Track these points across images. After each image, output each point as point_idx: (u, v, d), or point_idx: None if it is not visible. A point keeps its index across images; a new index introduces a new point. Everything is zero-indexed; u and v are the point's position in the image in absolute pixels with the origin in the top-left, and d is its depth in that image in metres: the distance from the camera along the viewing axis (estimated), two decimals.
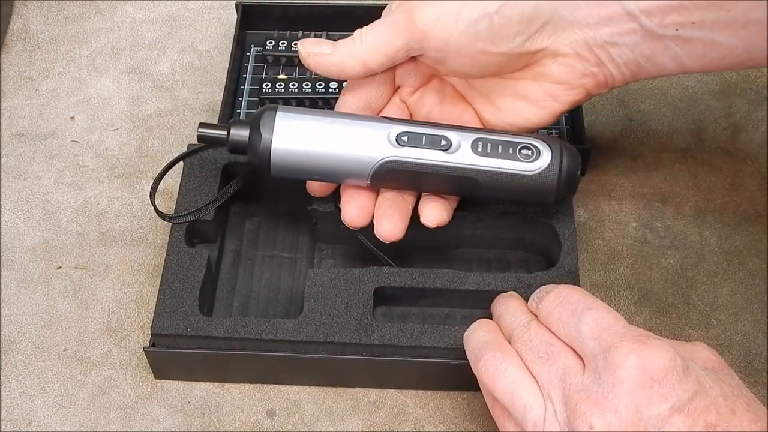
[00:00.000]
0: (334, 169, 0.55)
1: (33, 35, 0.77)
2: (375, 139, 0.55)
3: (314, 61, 0.56)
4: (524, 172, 0.54)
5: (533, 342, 0.49)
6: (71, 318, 0.61)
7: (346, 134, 0.55)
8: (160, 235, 0.65)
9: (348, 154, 0.55)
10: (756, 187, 0.66)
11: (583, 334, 0.47)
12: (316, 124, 0.55)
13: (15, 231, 0.65)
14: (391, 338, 0.55)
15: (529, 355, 0.48)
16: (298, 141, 0.55)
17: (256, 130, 0.55)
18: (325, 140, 0.55)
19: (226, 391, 0.58)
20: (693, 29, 0.52)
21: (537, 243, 0.61)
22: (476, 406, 0.57)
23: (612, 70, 0.55)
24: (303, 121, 0.55)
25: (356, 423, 0.57)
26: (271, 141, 0.55)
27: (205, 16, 0.78)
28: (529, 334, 0.49)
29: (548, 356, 0.47)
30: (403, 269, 0.58)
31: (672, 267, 0.63)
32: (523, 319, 0.51)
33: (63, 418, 0.57)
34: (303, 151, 0.55)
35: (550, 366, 0.47)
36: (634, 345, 0.44)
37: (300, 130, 0.55)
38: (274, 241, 0.64)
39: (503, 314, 0.53)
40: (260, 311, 0.60)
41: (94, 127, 0.71)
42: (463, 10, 0.53)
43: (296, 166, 0.55)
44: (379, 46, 0.54)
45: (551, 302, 0.50)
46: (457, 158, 0.55)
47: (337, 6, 0.74)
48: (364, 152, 0.55)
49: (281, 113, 0.55)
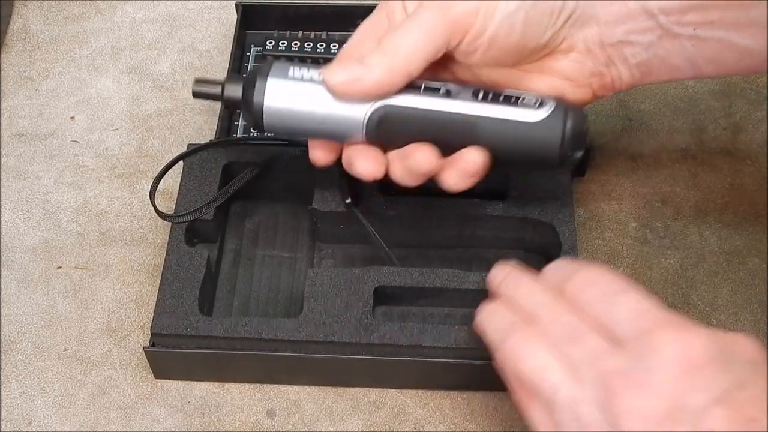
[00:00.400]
0: (329, 122, 0.53)
1: (33, 35, 0.77)
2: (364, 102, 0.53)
3: (350, 90, 0.52)
4: (527, 120, 0.52)
5: (559, 322, 0.47)
6: (71, 318, 0.61)
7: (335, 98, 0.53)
8: (160, 234, 0.65)
9: (341, 103, 0.53)
10: (756, 187, 0.66)
11: (618, 316, 0.45)
12: (310, 78, 0.53)
13: (15, 231, 0.65)
14: (391, 338, 0.55)
15: (555, 335, 0.46)
16: (291, 99, 0.53)
17: (250, 87, 0.54)
18: (318, 94, 0.53)
19: (226, 391, 0.58)
20: (711, 29, 0.51)
21: (537, 243, 0.61)
22: (476, 406, 0.57)
23: (621, 71, 0.54)
24: (296, 77, 0.53)
25: (356, 423, 0.57)
26: (263, 100, 0.53)
27: (205, 16, 0.78)
28: (554, 313, 0.47)
29: (577, 337, 0.45)
30: (403, 269, 0.58)
31: (672, 267, 0.63)
32: (544, 299, 0.48)
33: (63, 418, 0.57)
34: (295, 109, 0.53)
35: (581, 347, 0.45)
36: (677, 331, 0.43)
37: (293, 86, 0.53)
38: (274, 241, 0.64)
39: (517, 292, 0.50)
40: (260, 311, 0.60)
41: (94, 127, 0.71)
42: (500, 3, 0.51)
43: (289, 125, 0.54)
44: (418, 52, 0.51)
45: (579, 282, 0.47)
46: (457, 104, 0.52)
47: (337, 6, 0.74)
48: (355, 114, 0.53)
49: (275, 69, 0.54)
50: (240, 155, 0.63)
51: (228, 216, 0.65)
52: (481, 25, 0.51)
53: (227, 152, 0.63)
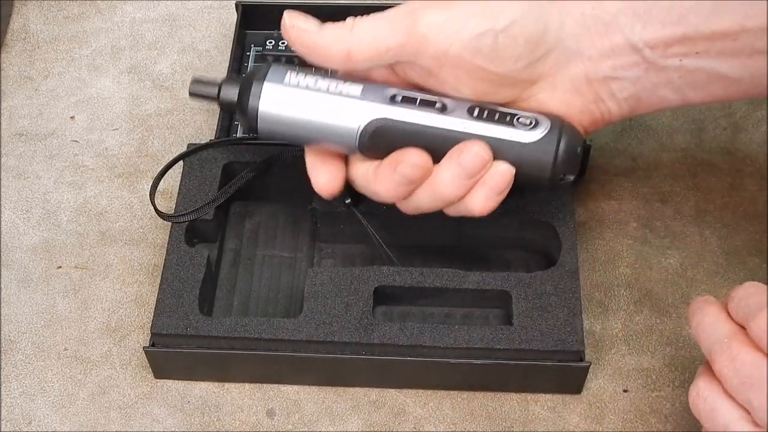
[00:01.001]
0: (323, 131, 0.54)
1: (33, 35, 0.77)
2: (366, 98, 0.53)
3: (295, 35, 0.52)
4: (520, 141, 0.52)
5: (737, 362, 0.44)
6: (71, 318, 0.61)
7: (335, 95, 0.53)
8: (160, 234, 0.65)
9: (336, 113, 0.53)
10: (756, 187, 0.66)
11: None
12: (306, 85, 0.54)
13: (15, 231, 0.65)
14: (391, 338, 0.55)
15: (733, 378, 0.44)
16: (286, 105, 0.53)
17: (246, 90, 0.54)
18: (314, 102, 0.53)
19: (226, 390, 0.58)
20: (697, 59, 0.51)
21: (537, 242, 0.61)
22: (476, 406, 0.57)
23: (610, 106, 0.54)
24: (293, 83, 0.54)
25: (356, 423, 0.57)
26: (258, 104, 0.54)
27: (205, 16, 0.78)
28: (731, 352, 0.44)
29: (754, 380, 0.43)
30: (403, 269, 0.58)
31: (672, 267, 0.63)
32: (723, 333, 0.45)
33: (63, 418, 0.57)
34: (290, 116, 0.54)
35: (757, 392, 0.42)
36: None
37: (289, 92, 0.54)
38: (274, 241, 0.64)
39: (700, 325, 0.47)
40: (260, 311, 0.60)
41: (94, 126, 0.71)
42: (470, 22, 0.50)
43: (284, 130, 0.54)
44: (370, 39, 0.51)
45: (763, 321, 0.44)
46: (452, 121, 0.52)
47: (337, 6, 0.74)
48: (353, 111, 0.53)
49: (272, 73, 0.54)
50: (240, 155, 0.63)
51: (228, 216, 0.65)
52: (444, 39, 0.50)
53: (227, 152, 0.63)
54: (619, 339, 0.60)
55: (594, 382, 0.58)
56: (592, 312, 0.61)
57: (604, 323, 0.60)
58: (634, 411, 0.57)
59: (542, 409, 0.57)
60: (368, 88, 0.54)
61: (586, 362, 0.55)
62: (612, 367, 0.59)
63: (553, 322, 0.55)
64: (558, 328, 0.55)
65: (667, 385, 0.58)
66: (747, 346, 0.44)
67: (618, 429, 0.56)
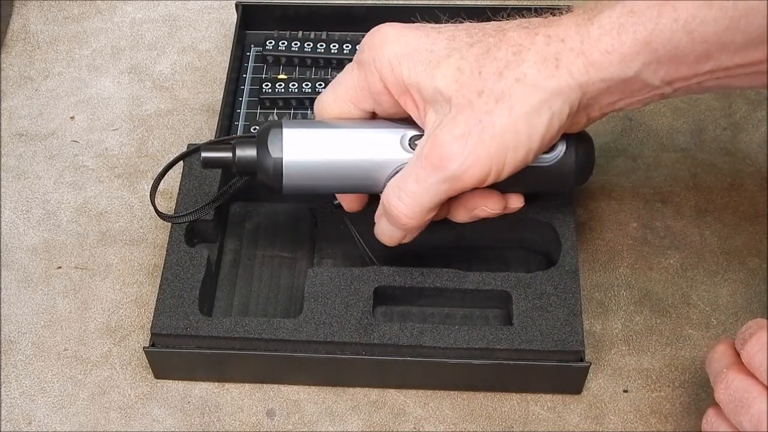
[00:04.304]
0: (348, 180, 0.54)
1: (33, 35, 0.77)
2: (388, 145, 0.54)
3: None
4: (542, 164, 0.54)
5: (730, 389, 0.47)
6: (71, 318, 0.61)
7: (358, 142, 0.54)
8: (160, 235, 0.65)
9: (362, 162, 0.54)
10: (756, 187, 0.66)
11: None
12: (326, 134, 0.54)
13: (15, 231, 0.65)
14: (391, 338, 0.55)
15: (728, 404, 0.47)
16: (309, 153, 0.53)
17: (264, 146, 0.53)
18: (336, 150, 0.53)
19: (226, 390, 0.58)
20: (716, 81, 0.50)
21: (537, 243, 0.61)
22: (476, 406, 0.57)
23: (598, 117, 0.53)
24: (312, 133, 0.54)
25: (356, 423, 0.57)
26: (282, 157, 0.53)
27: (205, 16, 0.78)
28: (727, 380, 0.47)
29: (743, 403, 0.46)
30: (403, 269, 0.58)
31: (672, 267, 0.63)
32: (724, 364, 0.48)
33: (63, 418, 0.57)
34: (315, 163, 0.53)
35: (746, 414, 0.45)
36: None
37: (310, 141, 0.53)
38: (274, 241, 0.64)
39: (708, 361, 0.51)
40: (260, 311, 0.60)
41: (94, 127, 0.71)
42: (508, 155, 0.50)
43: (309, 181, 0.54)
44: (421, 210, 0.53)
45: (753, 347, 0.47)
46: None
47: (337, 6, 0.74)
48: (378, 159, 0.54)
49: (288, 127, 0.54)
50: None
51: (228, 216, 0.65)
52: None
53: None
54: (619, 339, 0.60)
55: (594, 382, 0.58)
56: (592, 312, 0.61)
57: (604, 323, 0.60)
58: (634, 411, 0.57)
59: (542, 409, 0.57)
60: (389, 131, 0.54)
61: (586, 362, 0.55)
62: (612, 367, 0.59)
63: (553, 322, 0.55)
64: (558, 328, 0.55)
65: (667, 385, 0.58)
66: (741, 373, 0.47)
67: (618, 429, 0.56)
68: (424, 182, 0.51)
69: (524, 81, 0.49)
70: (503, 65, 0.49)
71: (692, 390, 0.58)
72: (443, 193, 0.52)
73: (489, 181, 0.51)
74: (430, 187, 0.51)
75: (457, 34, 0.51)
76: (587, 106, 0.51)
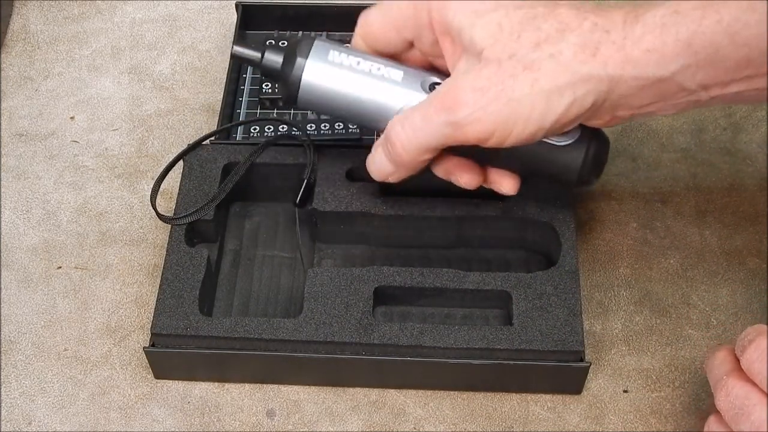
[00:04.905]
0: (361, 111, 0.55)
1: (33, 35, 0.77)
2: (406, 84, 0.55)
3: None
4: (553, 142, 0.53)
5: (731, 396, 0.47)
6: (71, 318, 0.61)
7: (380, 71, 0.55)
8: (160, 235, 0.65)
9: (377, 96, 0.55)
10: (756, 187, 0.66)
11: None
12: (352, 58, 0.55)
13: (15, 231, 0.65)
14: (391, 338, 0.55)
15: (729, 411, 0.47)
16: (329, 83, 0.55)
17: (290, 62, 0.55)
18: (356, 82, 0.54)
19: (226, 391, 0.58)
20: (753, 92, 0.49)
21: (537, 243, 0.61)
22: (476, 406, 0.57)
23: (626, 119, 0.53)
24: (339, 54, 0.55)
25: (356, 423, 0.57)
26: (300, 80, 0.55)
27: (205, 16, 0.78)
28: (727, 387, 0.48)
29: (743, 410, 0.46)
30: (403, 269, 0.58)
31: (672, 267, 0.63)
32: (724, 371, 0.49)
33: (63, 418, 0.57)
34: (331, 94, 0.55)
35: (746, 422, 0.46)
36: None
37: (335, 59, 0.55)
38: (274, 241, 0.64)
39: (708, 367, 0.51)
40: (260, 311, 0.60)
41: (94, 127, 0.71)
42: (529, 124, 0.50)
43: (324, 97, 0.55)
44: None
45: (752, 354, 0.47)
46: None
47: (337, 6, 0.74)
48: (393, 96, 0.54)
49: (315, 49, 0.55)
50: (240, 155, 0.63)
51: (228, 216, 0.65)
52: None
53: (227, 152, 0.63)
54: (619, 339, 0.60)
55: (594, 382, 0.58)
56: (592, 312, 0.61)
57: (604, 323, 0.60)
58: (634, 411, 0.57)
59: (542, 409, 0.57)
60: (408, 75, 0.55)
61: (586, 362, 0.55)
62: (612, 367, 0.59)
63: (553, 322, 0.55)
64: (558, 328, 0.55)
65: (667, 385, 0.58)
66: (741, 380, 0.47)
67: (618, 429, 0.56)
68: (429, 119, 0.51)
69: (558, 58, 0.49)
70: (543, 37, 0.49)
71: (692, 390, 0.58)
72: (443, 137, 0.52)
73: (491, 144, 0.51)
74: (434, 125, 0.51)
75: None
76: (615, 105, 0.50)
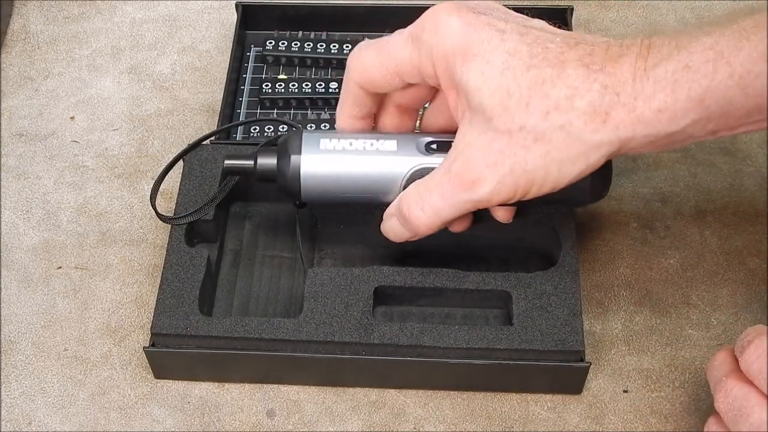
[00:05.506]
0: (367, 189, 0.56)
1: (33, 35, 0.77)
2: (403, 152, 0.55)
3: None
4: None
5: (729, 397, 0.47)
6: (71, 318, 0.61)
7: (373, 152, 0.55)
8: (160, 235, 0.65)
9: (379, 171, 0.55)
10: (756, 187, 0.66)
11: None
12: (342, 147, 0.55)
13: (15, 231, 0.65)
14: (391, 338, 0.55)
15: (728, 413, 0.47)
16: (327, 171, 0.55)
17: (285, 162, 0.55)
18: (353, 161, 0.55)
19: (226, 391, 0.58)
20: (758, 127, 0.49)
21: (537, 243, 0.61)
22: (476, 406, 0.57)
23: None
24: (329, 148, 0.55)
25: (356, 423, 0.57)
26: (300, 176, 0.55)
27: (205, 16, 0.78)
28: (726, 388, 0.48)
29: (743, 411, 0.46)
30: (403, 269, 0.58)
31: (672, 267, 0.63)
32: (723, 372, 0.49)
33: (63, 418, 0.57)
34: (333, 175, 0.55)
35: (745, 423, 0.46)
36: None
37: (327, 153, 0.55)
38: (274, 241, 0.64)
39: (709, 369, 0.51)
40: (260, 311, 0.60)
41: (94, 127, 0.71)
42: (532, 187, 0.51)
43: (327, 190, 0.56)
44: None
45: (751, 354, 0.47)
46: None
47: (337, 6, 0.74)
48: (394, 163, 0.55)
49: (306, 142, 0.55)
50: None
51: (228, 216, 0.65)
52: None
53: (227, 152, 0.63)
54: (619, 339, 0.60)
55: (594, 382, 0.58)
56: (592, 312, 0.61)
57: (604, 323, 0.60)
58: (634, 411, 0.57)
59: (542, 409, 0.57)
60: (402, 141, 0.56)
61: (586, 362, 0.55)
62: (612, 367, 0.59)
63: (553, 322, 0.55)
64: (558, 328, 0.55)
65: (667, 385, 0.58)
66: (740, 381, 0.47)
67: (618, 429, 0.56)
68: (450, 199, 0.52)
69: (568, 130, 0.48)
70: (553, 106, 0.48)
71: (692, 390, 0.58)
72: (466, 210, 0.53)
73: (511, 203, 0.52)
74: (455, 204, 0.52)
75: (519, 49, 0.49)
76: (624, 153, 0.51)
